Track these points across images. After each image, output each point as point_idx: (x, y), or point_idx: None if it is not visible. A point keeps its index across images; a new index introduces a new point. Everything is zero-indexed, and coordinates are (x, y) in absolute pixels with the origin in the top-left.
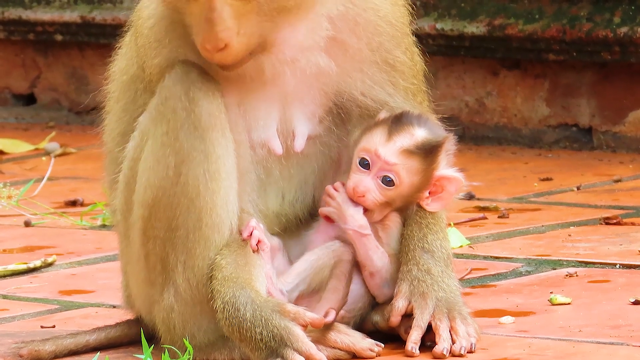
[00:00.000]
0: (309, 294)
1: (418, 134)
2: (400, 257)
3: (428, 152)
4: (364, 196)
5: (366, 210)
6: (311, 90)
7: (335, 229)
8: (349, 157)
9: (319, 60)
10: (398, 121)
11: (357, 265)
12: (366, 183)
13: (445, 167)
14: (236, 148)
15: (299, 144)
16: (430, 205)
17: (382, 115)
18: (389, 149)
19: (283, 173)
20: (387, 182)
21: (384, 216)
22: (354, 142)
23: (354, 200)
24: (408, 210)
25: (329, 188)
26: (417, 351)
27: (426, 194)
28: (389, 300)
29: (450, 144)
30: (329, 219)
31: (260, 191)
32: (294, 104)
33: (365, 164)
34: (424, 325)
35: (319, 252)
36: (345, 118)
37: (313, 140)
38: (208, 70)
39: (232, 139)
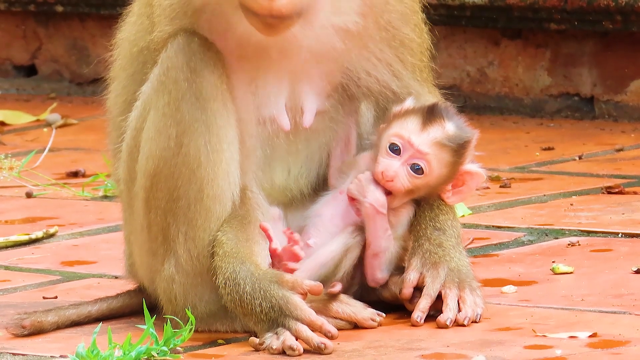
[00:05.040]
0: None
1: (449, 128)
2: (412, 236)
3: (459, 146)
4: (392, 181)
5: (389, 194)
6: (319, 66)
7: (345, 203)
8: (358, 134)
9: (329, 37)
10: (432, 113)
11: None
12: (395, 168)
13: (469, 162)
14: (245, 125)
15: (308, 119)
16: (450, 198)
17: (410, 103)
18: (422, 139)
19: (290, 148)
20: (417, 170)
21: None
22: (380, 128)
23: (381, 184)
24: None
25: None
26: (423, 321)
27: (449, 187)
28: (379, 284)
29: (475, 140)
30: (351, 199)
31: (265, 166)
32: (303, 80)
33: (395, 149)
34: (434, 294)
35: (332, 249)
36: (352, 94)
37: (321, 116)
38: (215, 41)
39: (233, 110)
